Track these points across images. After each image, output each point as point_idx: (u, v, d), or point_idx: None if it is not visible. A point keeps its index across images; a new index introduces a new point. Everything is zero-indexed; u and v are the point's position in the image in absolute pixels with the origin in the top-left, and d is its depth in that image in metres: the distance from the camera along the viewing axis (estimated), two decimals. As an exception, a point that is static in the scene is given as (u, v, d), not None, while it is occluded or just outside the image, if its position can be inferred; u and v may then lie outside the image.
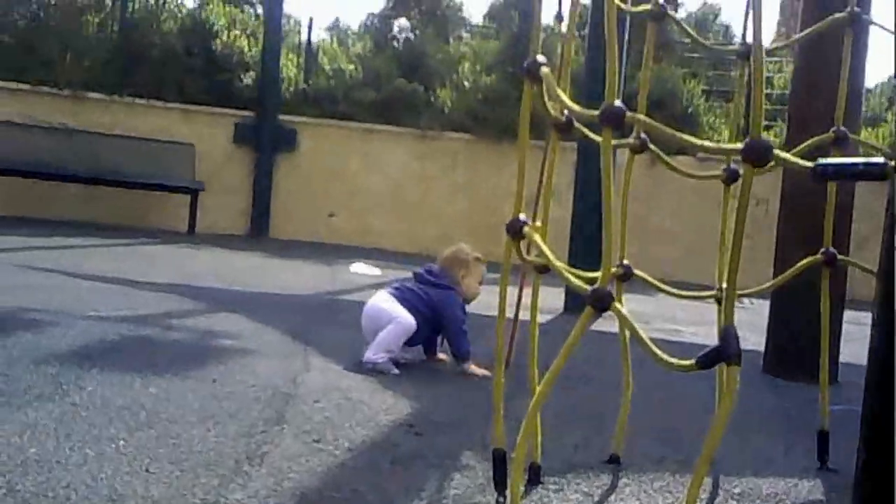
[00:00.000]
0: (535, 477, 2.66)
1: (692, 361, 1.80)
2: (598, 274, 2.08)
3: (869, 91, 13.80)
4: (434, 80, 13.88)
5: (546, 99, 2.35)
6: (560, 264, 2.24)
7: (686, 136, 1.77)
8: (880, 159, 1.54)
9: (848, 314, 5.06)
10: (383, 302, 4.28)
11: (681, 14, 16.00)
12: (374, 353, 4.11)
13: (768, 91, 14.00)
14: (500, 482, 2.44)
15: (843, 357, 4.98)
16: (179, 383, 3.42)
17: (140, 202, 12.65)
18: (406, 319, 4.17)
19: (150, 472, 2.38)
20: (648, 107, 2.88)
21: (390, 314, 4.20)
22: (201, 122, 13.05)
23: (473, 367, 4.22)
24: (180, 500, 2.19)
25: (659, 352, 1.88)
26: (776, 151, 1.58)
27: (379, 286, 8.07)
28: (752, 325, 5.70)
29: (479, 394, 3.81)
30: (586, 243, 7.16)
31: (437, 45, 14.95)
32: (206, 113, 13.08)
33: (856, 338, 5.30)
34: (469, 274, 4.43)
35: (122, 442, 2.63)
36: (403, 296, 4.30)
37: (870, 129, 12.16)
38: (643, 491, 2.70)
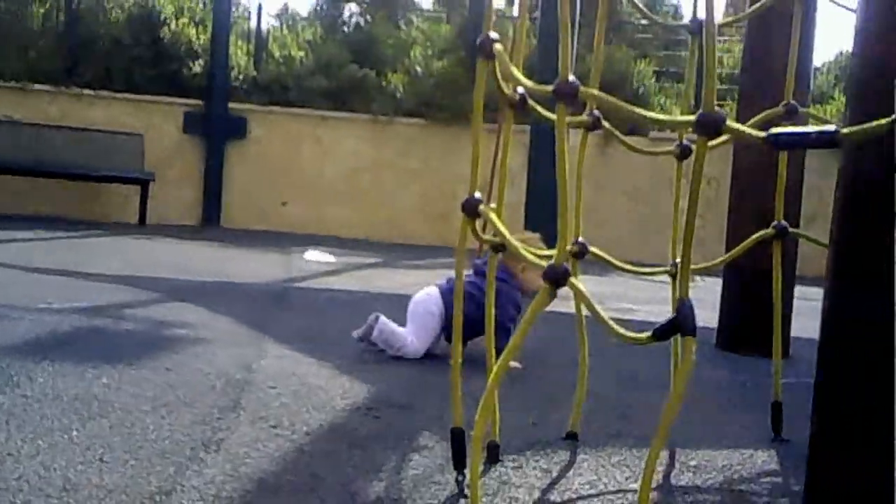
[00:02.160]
0: (493, 455, 2.66)
1: (648, 334, 1.81)
2: (554, 251, 2.08)
3: (817, 69, 13.97)
4: (385, 66, 13.82)
5: (499, 76, 2.35)
6: (516, 242, 2.24)
7: (638, 110, 1.77)
8: (832, 127, 1.55)
9: (798, 290, 5.12)
10: (429, 315, 4.24)
11: (630, -4, 16.05)
12: (412, 344, 4.16)
13: (718, 70, 14.11)
14: (458, 461, 2.44)
15: (795, 332, 5.04)
16: (132, 373, 3.38)
17: (89, 194, 12.48)
18: (417, 352, 4.19)
19: (104, 461, 2.35)
20: (600, 88, 2.88)
21: (417, 329, 4.21)
22: (150, 112, 12.89)
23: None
24: (135, 489, 2.16)
25: (615, 325, 1.89)
26: (728, 123, 1.59)
27: (333, 273, 8.09)
28: (704, 301, 5.72)
29: (438, 376, 3.81)
30: (541, 225, 7.17)
31: (387, 29, 14.89)
32: (155, 103, 12.92)
33: (806, 313, 5.38)
34: (530, 267, 4.30)
35: (74, 432, 2.59)
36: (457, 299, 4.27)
37: (818, 107, 12.31)
38: (601, 465, 2.71)
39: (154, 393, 3.10)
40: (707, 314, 5.31)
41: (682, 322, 1.69)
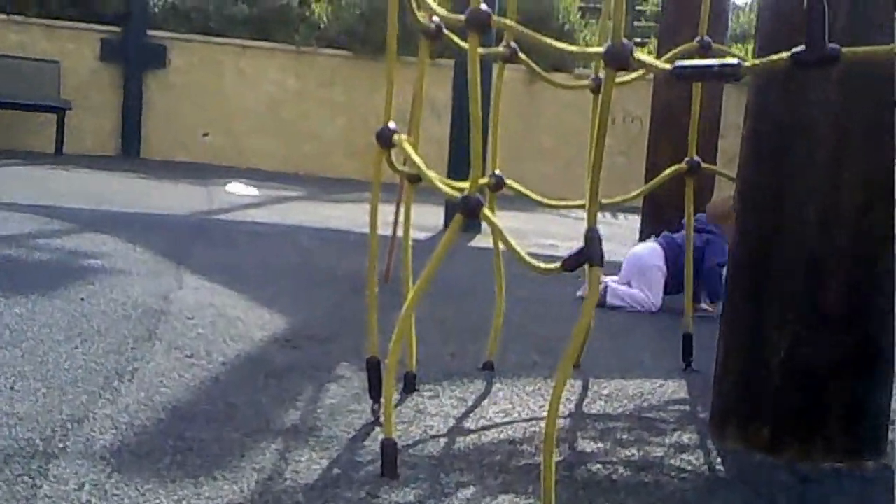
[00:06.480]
0: (410, 385, 2.69)
1: (557, 265, 1.85)
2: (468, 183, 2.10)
3: (739, 8, 14.10)
4: (309, -5, 13.54)
5: (415, 6, 2.34)
6: (431, 173, 2.25)
7: (549, 41, 1.78)
8: (734, 60, 1.58)
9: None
10: (657, 270, 4.45)
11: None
12: (612, 298, 4.37)
13: (641, 9, 14.15)
14: (374, 390, 2.47)
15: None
16: (45, 303, 3.32)
17: (3, 122, 12.11)
18: (654, 306, 4.40)
19: (15, 389, 2.32)
20: (523, 23, 2.88)
21: (650, 285, 4.42)
22: (65, 39, 12.49)
23: (710, 307, 4.36)
24: (47, 417, 2.15)
25: (526, 256, 1.92)
26: (636, 55, 1.61)
27: (255, 206, 8.01)
28: (624, 238, 5.84)
29: (357, 309, 3.82)
30: (463, 158, 7.17)
31: (311, -42, 14.56)
32: (71, 28, 12.51)
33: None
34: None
35: (-16, 362, 2.55)
36: (671, 254, 4.41)
37: (739, 45, 12.43)
38: (515, 394, 2.77)
39: (68, 322, 3.07)
40: (627, 251, 5.40)
41: (589, 252, 1.73)
